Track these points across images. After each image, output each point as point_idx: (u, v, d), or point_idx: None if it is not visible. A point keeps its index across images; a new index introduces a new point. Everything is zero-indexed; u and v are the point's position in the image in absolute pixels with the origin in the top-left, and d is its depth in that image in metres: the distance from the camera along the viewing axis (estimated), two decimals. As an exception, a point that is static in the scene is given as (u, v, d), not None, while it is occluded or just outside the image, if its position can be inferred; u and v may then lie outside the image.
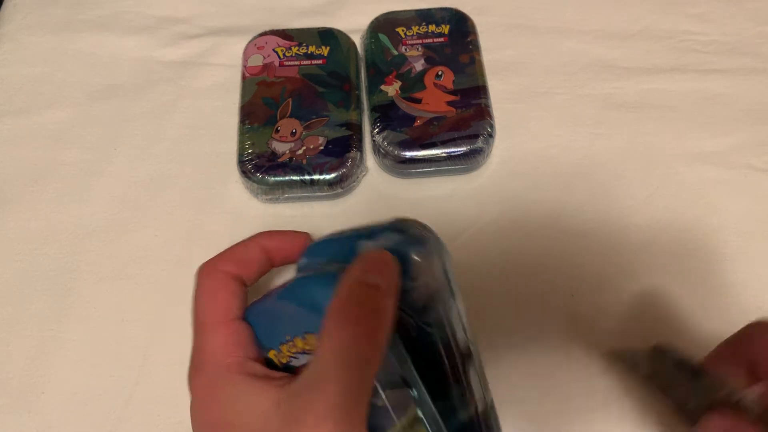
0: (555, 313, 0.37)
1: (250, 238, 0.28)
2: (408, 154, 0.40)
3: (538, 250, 0.39)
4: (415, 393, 0.23)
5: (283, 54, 0.43)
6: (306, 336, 0.24)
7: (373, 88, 0.42)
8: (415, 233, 0.25)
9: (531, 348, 0.36)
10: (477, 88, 0.42)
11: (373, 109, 0.41)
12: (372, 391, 0.22)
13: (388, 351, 0.22)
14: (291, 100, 0.42)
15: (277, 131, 0.40)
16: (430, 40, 0.44)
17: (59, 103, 0.44)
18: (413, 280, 0.24)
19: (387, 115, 0.41)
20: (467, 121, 0.41)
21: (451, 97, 0.41)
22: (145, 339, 0.37)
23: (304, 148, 0.40)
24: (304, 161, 0.39)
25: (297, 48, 0.44)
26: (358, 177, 0.41)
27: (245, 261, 0.27)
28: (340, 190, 0.40)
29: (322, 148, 0.40)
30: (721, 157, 0.42)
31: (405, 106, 0.41)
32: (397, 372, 0.23)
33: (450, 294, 0.25)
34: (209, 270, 0.27)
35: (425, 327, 0.24)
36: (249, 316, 0.26)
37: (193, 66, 0.46)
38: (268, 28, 0.45)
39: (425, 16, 0.45)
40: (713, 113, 0.44)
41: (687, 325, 0.37)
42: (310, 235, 0.28)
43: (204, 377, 0.25)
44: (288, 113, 0.41)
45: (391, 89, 0.42)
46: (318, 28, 0.45)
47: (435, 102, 0.41)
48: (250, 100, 0.42)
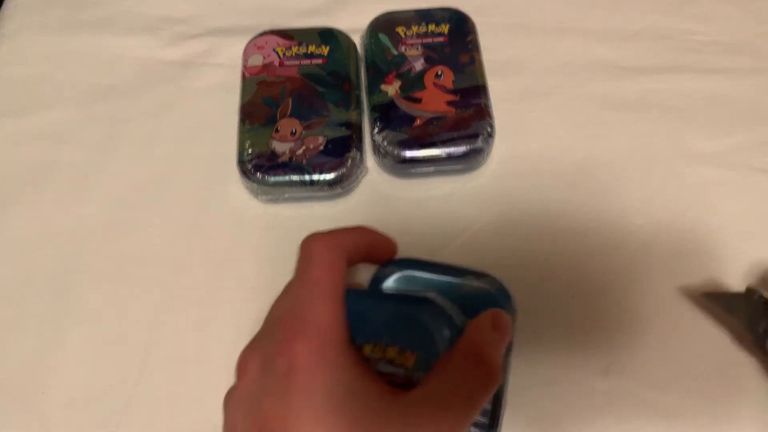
0: (555, 314, 0.37)
1: (358, 227, 0.28)
2: (408, 154, 0.40)
3: (538, 250, 0.39)
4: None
5: (283, 54, 0.43)
6: (405, 353, 0.26)
7: (373, 87, 0.42)
8: (504, 288, 0.28)
9: (531, 348, 0.36)
10: (477, 87, 0.42)
11: (373, 109, 0.41)
12: None
13: None
14: (291, 99, 0.42)
15: (277, 131, 0.40)
16: (429, 39, 0.44)
17: (59, 104, 0.44)
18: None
19: (387, 115, 0.41)
20: (467, 121, 0.40)
21: (451, 97, 0.41)
22: (145, 339, 0.37)
23: (304, 147, 0.40)
24: (304, 161, 0.39)
25: (297, 48, 0.44)
26: (357, 177, 0.41)
27: (354, 247, 0.28)
28: (339, 190, 0.40)
29: (321, 148, 0.40)
30: (721, 158, 0.42)
31: (405, 105, 0.41)
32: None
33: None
34: (330, 244, 0.27)
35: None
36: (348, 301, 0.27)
37: (193, 66, 0.46)
38: (268, 27, 0.45)
39: (425, 15, 0.45)
40: (713, 113, 0.44)
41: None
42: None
43: (309, 345, 0.24)
44: (288, 113, 0.41)
45: (391, 89, 0.42)
46: (318, 27, 0.45)
47: (435, 102, 0.41)
48: (250, 99, 0.42)
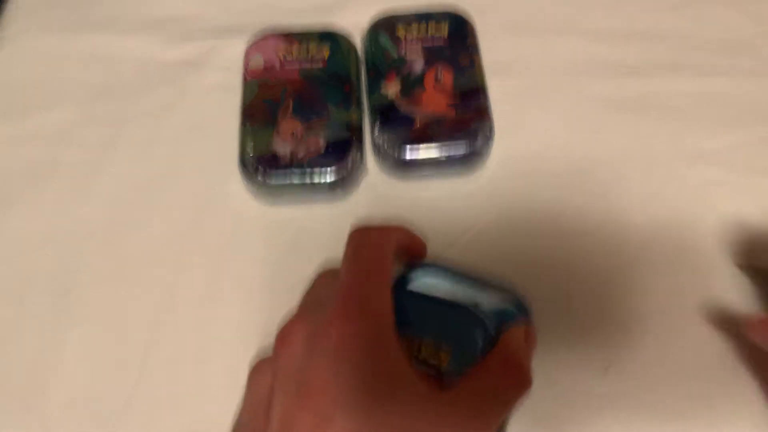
0: (555, 314, 0.37)
1: (398, 225, 0.29)
2: (408, 155, 0.40)
3: (538, 250, 0.39)
4: None
5: (284, 56, 0.44)
6: (440, 353, 0.27)
7: (373, 89, 0.42)
8: (525, 306, 0.29)
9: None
10: (477, 89, 0.42)
11: (373, 110, 0.42)
12: None
13: None
14: (291, 101, 0.42)
15: (278, 132, 0.40)
16: (429, 41, 0.44)
17: (60, 104, 0.44)
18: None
19: (387, 116, 0.41)
20: (467, 122, 0.41)
21: (451, 98, 0.41)
22: (145, 339, 0.37)
23: (304, 149, 0.40)
24: (304, 162, 0.39)
25: (298, 50, 0.44)
26: (358, 178, 0.41)
27: (399, 245, 0.29)
28: (340, 191, 0.40)
29: (322, 149, 0.40)
30: (722, 158, 0.42)
31: (405, 107, 0.41)
32: None
33: None
34: (383, 235, 0.28)
35: None
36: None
37: (195, 67, 0.46)
38: (269, 29, 0.45)
39: (425, 17, 0.45)
40: (713, 114, 0.44)
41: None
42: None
43: (361, 329, 0.24)
44: (288, 114, 0.41)
45: (391, 90, 0.42)
46: (318, 29, 0.45)
47: (435, 103, 0.41)
48: (251, 101, 0.42)
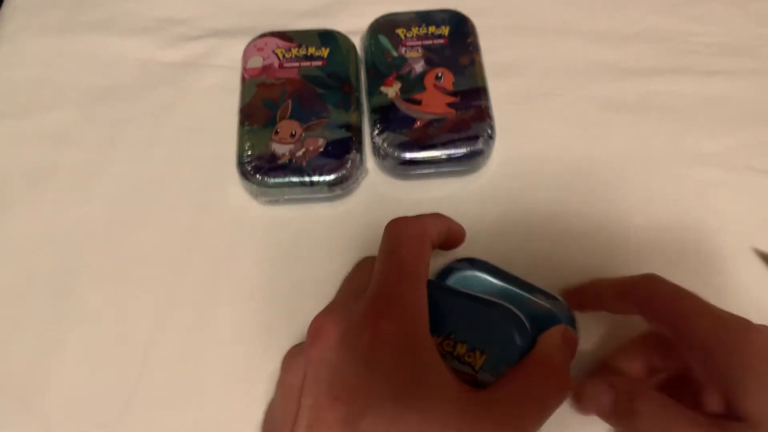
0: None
1: (437, 213, 0.30)
2: (408, 155, 0.40)
3: (538, 251, 0.39)
4: None
5: (283, 55, 0.44)
6: (476, 352, 0.26)
7: (373, 89, 0.42)
8: (571, 315, 0.30)
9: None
10: (477, 89, 0.42)
11: (373, 111, 0.42)
12: None
13: None
14: (291, 101, 0.42)
15: (277, 133, 0.40)
16: (430, 41, 0.44)
17: (59, 105, 0.44)
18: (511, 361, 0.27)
19: (387, 117, 0.41)
20: (467, 123, 0.40)
21: (451, 99, 0.41)
22: (145, 339, 0.37)
23: (303, 149, 0.40)
24: (303, 163, 0.39)
25: (297, 49, 0.44)
26: (357, 178, 0.41)
27: (437, 234, 0.29)
28: (339, 191, 0.40)
29: (321, 149, 0.40)
30: (722, 159, 0.42)
31: (405, 107, 0.41)
32: None
33: None
34: (420, 230, 0.28)
35: None
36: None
37: (193, 67, 0.46)
38: (267, 29, 0.45)
39: (425, 17, 0.45)
40: (714, 114, 0.44)
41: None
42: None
43: (395, 326, 0.24)
44: (288, 115, 0.41)
45: (391, 91, 0.42)
46: (318, 29, 0.45)
47: (435, 103, 0.41)
48: (249, 101, 0.42)
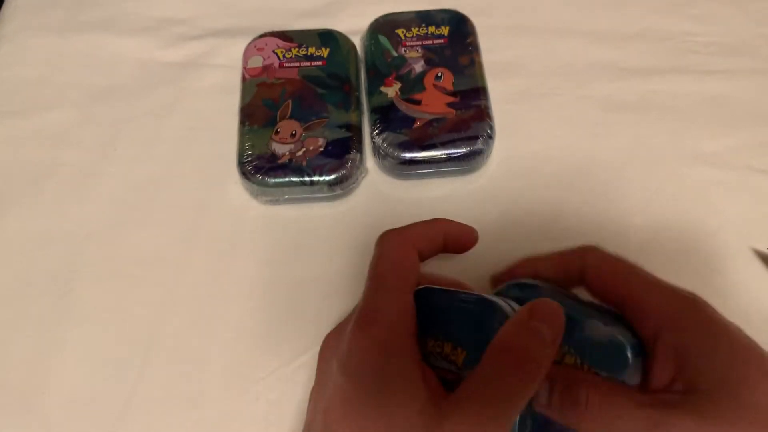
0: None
1: (432, 220, 0.29)
2: (408, 155, 0.40)
3: (538, 251, 0.39)
4: None
5: (283, 55, 0.44)
6: (457, 350, 0.25)
7: (373, 89, 0.42)
8: (635, 345, 0.25)
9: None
10: (477, 89, 0.42)
11: (373, 111, 0.42)
12: None
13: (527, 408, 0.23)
14: (291, 101, 0.42)
15: (277, 132, 0.40)
16: (429, 41, 0.44)
17: (59, 104, 0.44)
18: (623, 376, 0.25)
19: (387, 117, 0.41)
20: (467, 123, 0.41)
21: (451, 99, 0.41)
22: (145, 339, 0.37)
23: (303, 149, 0.40)
24: (304, 162, 0.39)
25: (297, 49, 0.44)
26: (357, 178, 0.41)
27: (428, 240, 0.28)
28: (339, 191, 0.40)
29: (321, 149, 0.40)
30: (721, 158, 0.42)
31: (405, 107, 0.41)
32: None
33: None
34: (401, 240, 0.27)
35: None
36: (417, 296, 0.27)
37: (193, 67, 0.46)
38: (268, 29, 0.45)
39: (425, 17, 0.45)
40: (713, 114, 0.44)
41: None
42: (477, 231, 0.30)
43: (372, 336, 0.24)
44: (288, 114, 0.41)
45: (391, 91, 0.42)
46: (318, 29, 0.45)
47: (435, 103, 0.41)
48: (250, 101, 0.42)
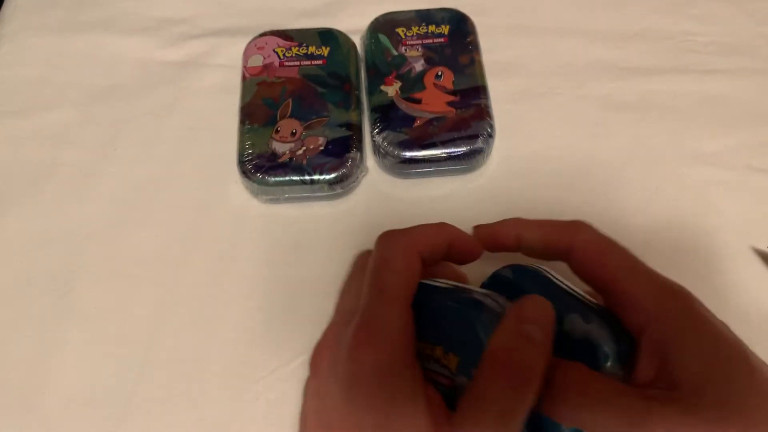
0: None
1: (439, 224, 0.28)
2: (408, 154, 0.40)
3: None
4: None
5: (283, 54, 0.44)
6: (449, 354, 0.24)
7: (373, 88, 0.42)
8: (612, 341, 0.25)
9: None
10: (477, 88, 0.42)
11: (373, 110, 0.42)
12: None
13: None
14: (291, 100, 0.42)
15: (277, 131, 0.40)
16: (430, 40, 0.44)
17: (59, 104, 0.44)
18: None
19: (387, 116, 0.41)
20: (467, 122, 0.41)
21: (451, 98, 0.41)
22: (145, 339, 0.37)
23: (304, 148, 0.40)
24: (304, 161, 0.39)
25: (297, 48, 0.44)
26: (358, 177, 0.41)
27: (433, 246, 0.27)
28: (340, 190, 0.40)
29: (322, 148, 0.40)
30: (721, 158, 0.42)
31: (405, 106, 0.41)
32: None
33: None
34: (405, 245, 0.26)
35: None
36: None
37: (194, 67, 0.46)
38: (268, 28, 0.45)
39: (425, 16, 0.45)
40: (713, 114, 0.44)
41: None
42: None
43: (376, 356, 0.23)
44: (288, 113, 0.41)
45: (391, 90, 0.42)
46: (318, 28, 0.45)
47: (435, 102, 0.41)
48: (250, 100, 0.42)
